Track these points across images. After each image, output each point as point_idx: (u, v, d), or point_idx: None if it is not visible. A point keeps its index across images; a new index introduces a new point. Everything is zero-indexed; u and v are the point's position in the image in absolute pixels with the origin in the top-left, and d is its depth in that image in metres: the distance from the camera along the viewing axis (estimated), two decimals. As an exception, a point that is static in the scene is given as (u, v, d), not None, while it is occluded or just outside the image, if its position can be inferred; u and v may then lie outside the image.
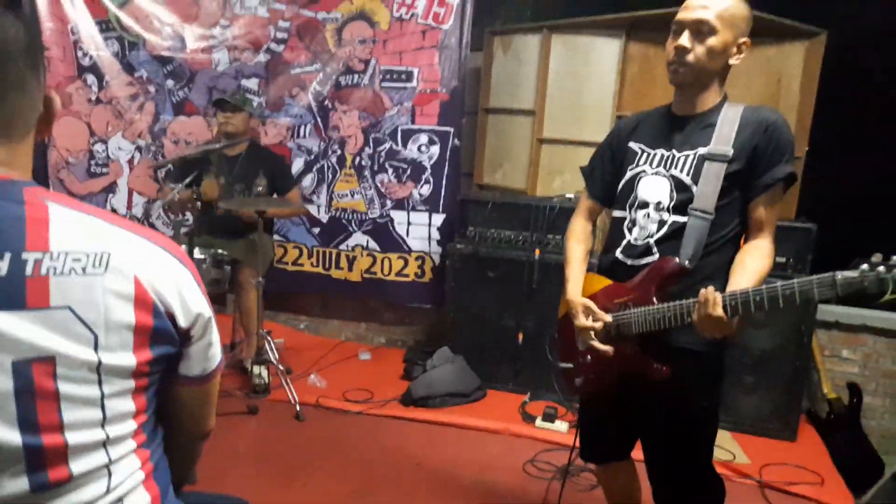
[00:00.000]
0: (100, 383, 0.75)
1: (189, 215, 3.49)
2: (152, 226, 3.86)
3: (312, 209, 3.79)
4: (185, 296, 0.81)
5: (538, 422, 2.92)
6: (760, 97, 3.21)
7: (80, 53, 3.91)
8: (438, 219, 3.65)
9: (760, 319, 2.88)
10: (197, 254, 3.03)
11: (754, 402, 2.95)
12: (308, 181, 3.78)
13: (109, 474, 0.79)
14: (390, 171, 3.68)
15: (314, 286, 3.86)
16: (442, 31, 3.53)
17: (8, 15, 0.71)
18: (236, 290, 3.25)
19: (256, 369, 3.10)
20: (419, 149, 3.63)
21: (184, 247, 2.86)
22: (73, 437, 0.74)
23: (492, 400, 3.19)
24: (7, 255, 0.70)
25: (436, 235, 3.66)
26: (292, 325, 4.04)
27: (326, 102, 3.71)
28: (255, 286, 3.11)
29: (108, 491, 0.79)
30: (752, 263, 1.43)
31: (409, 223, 3.69)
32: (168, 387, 0.87)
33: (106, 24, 3.88)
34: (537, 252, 3.18)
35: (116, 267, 0.75)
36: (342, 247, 3.79)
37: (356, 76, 3.66)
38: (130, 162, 3.96)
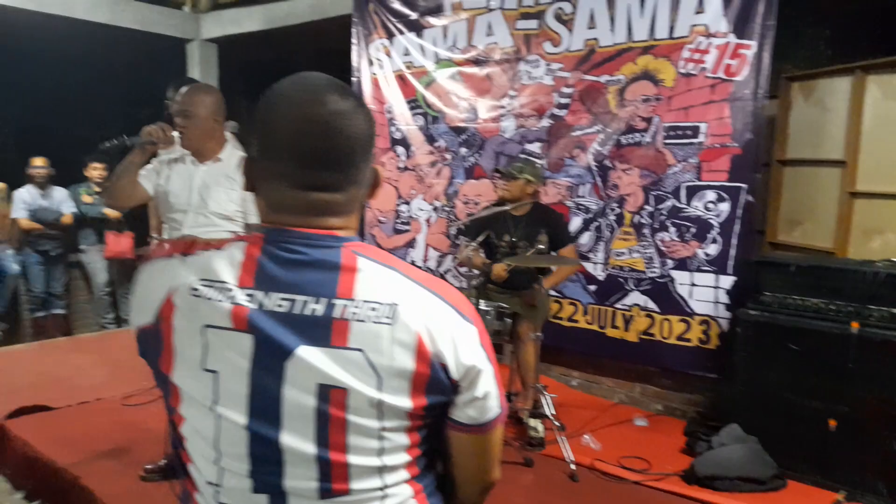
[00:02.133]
0: (380, 418, 0.84)
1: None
2: (443, 277, 4.27)
3: (589, 266, 3.81)
4: (460, 349, 0.86)
5: (858, 528, 2.46)
6: None
7: (392, 129, 4.58)
8: (727, 281, 3.38)
9: None
10: (481, 306, 3.25)
11: None
12: (585, 239, 3.83)
13: (384, 497, 0.87)
14: (672, 229, 3.54)
15: (588, 343, 3.84)
16: (734, 83, 3.34)
17: (357, 105, 0.88)
18: (515, 342, 3.39)
19: (532, 422, 3.17)
20: (706, 206, 3.44)
21: (472, 299, 3.11)
22: (353, 459, 0.84)
23: (794, 492, 2.78)
24: (324, 300, 0.83)
25: (724, 299, 3.38)
26: (564, 380, 4.06)
27: (606, 161, 3.75)
28: (533, 340, 3.22)
29: None
30: None
31: (692, 284, 3.48)
32: (443, 428, 0.92)
33: (414, 103, 4.50)
34: (854, 325, 2.73)
35: (403, 319, 0.83)
36: (618, 305, 3.73)
37: (637, 135, 3.64)
38: (428, 221, 4.48)
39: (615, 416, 3.60)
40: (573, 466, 2.89)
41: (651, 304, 3.62)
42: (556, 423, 3.09)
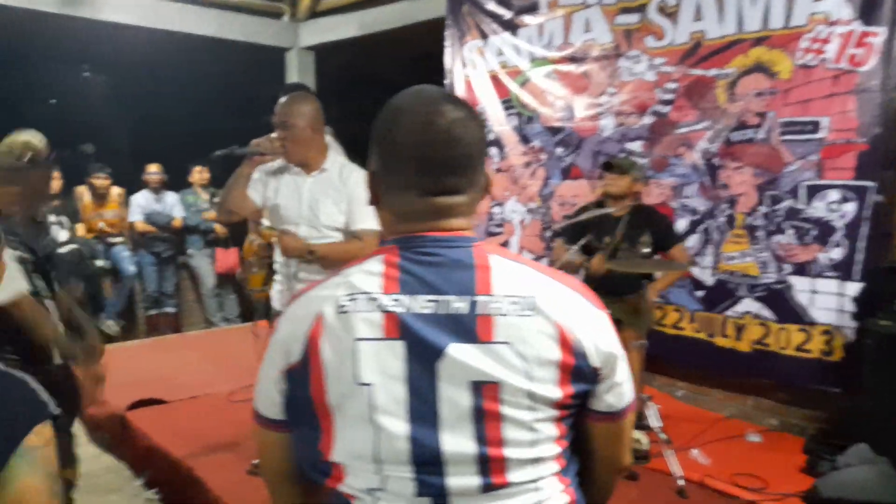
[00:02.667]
0: (531, 409, 0.86)
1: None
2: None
3: (696, 271, 3.61)
4: (598, 337, 0.89)
5: None
6: None
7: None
8: (853, 288, 3.10)
9: None
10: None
11: None
12: (692, 242, 3.64)
13: (537, 489, 0.89)
14: (790, 231, 3.30)
15: (695, 353, 3.64)
16: (859, 73, 3.07)
17: (470, 112, 0.94)
18: (617, 349, 3.26)
19: (636, 434, 3.04)
20: (828, 207, 3.18)
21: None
22: (510, 452, 0.86)
23: (936, 522, 2.52)
24: (466, 298, 0.86)
25: (849, 307, 3.11)
26: (668, 391, 3.87)
27: (715, 160, 3.55)
28: (636, 348, 3.08)
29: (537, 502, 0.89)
30: None
31: (812, 291, 3.23)
32: (581, 419, 0.95)
33: (508, 103, 4.45)
34: None
35: (543, 311, 0.86)
36: (729, 313, 3.51)
37: (750, 131, 3.42)
38: (522, 223, 4.41)
39: (725, 431, 3.39)
40: (681, 482, 2.74)
41: (766, 312, 3.38)
42: (662, 436, 2.95)
